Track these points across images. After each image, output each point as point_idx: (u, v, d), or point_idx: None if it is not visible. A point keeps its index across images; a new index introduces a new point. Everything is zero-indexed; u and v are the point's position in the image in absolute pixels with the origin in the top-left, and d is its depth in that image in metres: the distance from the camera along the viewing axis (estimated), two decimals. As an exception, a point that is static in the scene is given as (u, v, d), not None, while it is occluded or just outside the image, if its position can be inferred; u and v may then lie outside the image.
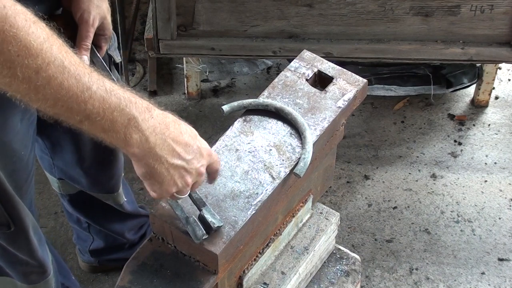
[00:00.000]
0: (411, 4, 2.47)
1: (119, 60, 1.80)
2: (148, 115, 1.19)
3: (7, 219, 1.66)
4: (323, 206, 1.81)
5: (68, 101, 1.11)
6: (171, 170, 1.24)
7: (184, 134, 1.25)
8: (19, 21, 1.05)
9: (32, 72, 1.07)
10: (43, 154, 2.01)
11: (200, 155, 1.28)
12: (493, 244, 2.57)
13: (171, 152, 1.22)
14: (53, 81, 1.09)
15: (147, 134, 1.19)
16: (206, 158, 1.29)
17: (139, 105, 1.18)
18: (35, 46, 1.06)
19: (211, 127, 2.91)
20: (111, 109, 1.15)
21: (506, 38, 2.54)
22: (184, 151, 1.24)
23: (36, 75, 1.07)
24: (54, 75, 1.09)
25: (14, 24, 1.04)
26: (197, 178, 1.29)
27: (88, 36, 1.52)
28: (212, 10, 2.51)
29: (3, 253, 1.77)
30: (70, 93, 1.11)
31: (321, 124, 1.53)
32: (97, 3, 1.53)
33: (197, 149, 1.27)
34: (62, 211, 2.59)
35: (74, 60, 1.12)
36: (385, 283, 2.47)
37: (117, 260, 2.35)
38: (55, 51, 1.09)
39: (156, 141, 1.20)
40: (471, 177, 2.77)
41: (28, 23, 1.06)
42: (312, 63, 1.64)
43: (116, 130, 1.17)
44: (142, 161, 1.22)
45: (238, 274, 1.54)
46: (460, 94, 3.04)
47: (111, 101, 1.14)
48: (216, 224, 1.33)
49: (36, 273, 1.85)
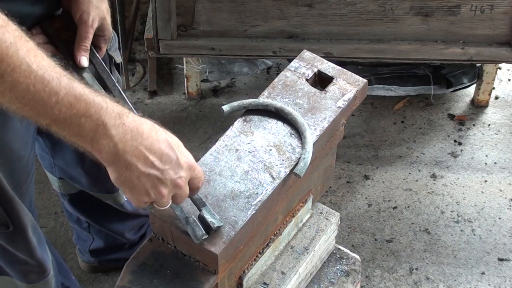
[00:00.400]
0: (411, 4, 2.47)
1: (119, 60, 1.80)
2: (119, 121, 1.16)
3: (6, 218, 1.66)
4: (323, 206, 1.81)
5: (35, 105, 1.10)
6: (142, 178, 1.20)
7: (161, 142, 1.21)
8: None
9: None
10: (44, 153, 2.01)
11: (178, 166, 1.22)
12: (493, 244, 2.57)
13: (143, 160, 1.19)
14: (18, 86, 1.08)
15: (116, 140, 1.16)
16: (186, 170, 1.24)
17: (110, 110, 1.16)
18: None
19: (211, 127, 2.91)
20: (78, 115, 1.13)
21: (506, 38, 2.54)
22: (158, 160, 1.20)
23: (0, 79, 1.06)
24: (19, 80, 1.07)
25: None
26: (174, 190, 1.24)
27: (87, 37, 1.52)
28: (212, 10, 2.51)
29: (2, 253, 1.77)
30: (36, 98, 1.10)
31: (321, 124, 1.53)
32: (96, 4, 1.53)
33: (175, 159, 1.22)
34: (62, 211, 2.59)
35: (43, 63, 1.10)
36: (385, 283, 2.47)
37: (117, 260, 2.35)
38: (22, 55, 1.07)
39: (126, 147, 1.17)
40: (471, 177, 2.77)
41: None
42: (312, 63, 1.64)
43: (84, 135, 1.15)
44: (112, 167, 1.20)
45: (238, 274, 1.54)
46: (460, 94, 3.04)
47: (79, 106, 1.13)
48: (216, 224, 1.33)
49: (35, 273, 1.85)
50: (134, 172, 1.19)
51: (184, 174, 1.24)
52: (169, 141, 1.22)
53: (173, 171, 1.22)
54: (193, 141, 2.85)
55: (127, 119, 1.18)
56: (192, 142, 2.85)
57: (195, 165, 1.27)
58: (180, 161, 1.23)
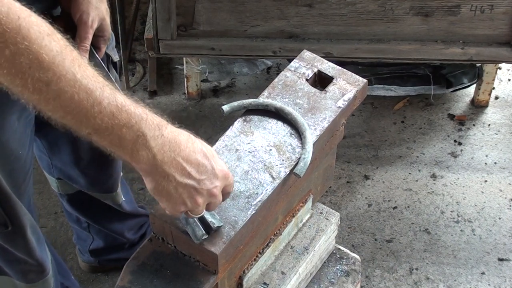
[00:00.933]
0: (411, 4, 2.47)
1: (117, 59, 1.81)
2: (158, 132, 1.18)
3: (5, 218, 1.66)
4: (323, 206, 1.81)
5: (78, 114, 1.11)
6: (180, 189, 1.22)
7: (197, 153, 1.23)
8: (33, 33, 1.04)
9: (42, 84, 1.07)
10: (42, 154, 2.01)
11: (214, 176, 1.25)
12: (493, 244, 2.57)
13: (180, 171, 1.21)
14: (63, 95, 1.09)
15: (155, 151, 1.18)
16: (221, 179, 1.27)
17: (150, 122, 1.17)
18: (47, 59, 1.06)
19: (211, 127, 2.91)
20: (120, 125, 1.14)
21: (506, 38, 2.54)
22: (195, 170, 1.22)
23: (46, 87, 1.07)
24: (64, 89, 1.08)
25: (27, 36, 1.04)
26: (210, 199, 1.27)
27: (87, 37, 1.52)
28: (212, 10, 2.51)
29: (1, 252, 1.77)
30: (80, 107, 1.11)
31: (321, 124, 1.53)
32: (96, 4, 1.53)
33: (211, 169, 1.24)
34: (62, 211, 2.59)
35: (87, 73, 1.11)
36: (385, 283, 2.47)
37: (117, 260, 2.35)
38: (68, 65, 1.08)
39: (164, 158, 1.19)
40: (471, 177, 2.77)
41: (41, 36, 1.06)
42: (312, 63, 1.64)
43: (124, 145, 1.16)
44: (150, 177, 1.21)
45: (238, 274, 1.54)
46: (460, 94, 3.04)
47: (121, 117, 1.14)
48: (216, 224, 1.33)
49: (34, 272, 1.85)
50: (172, 182, 1.21)
51: (219, 184, 1.26)
52: (205, 151, 1.24)
53: (209, 181, 1.24)
54: (193, 141, 2.85)
55: (166, 130, 1.19)
56: (192, 142, 2.84)
57: (228, 173, 1.29)
58: (215, 171, 1.25)
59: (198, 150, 1.23)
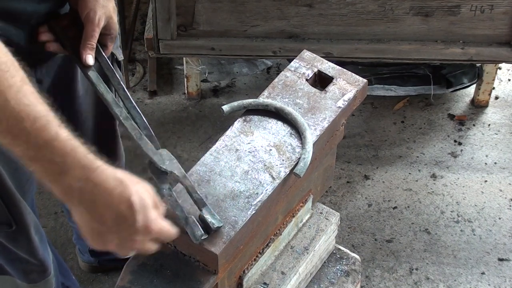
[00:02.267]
0: (411, 4, 2.47)
1: (121, 58, 1.81)
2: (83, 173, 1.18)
3: (9, 217, 1.66)
4: (323, 206, 1.81)
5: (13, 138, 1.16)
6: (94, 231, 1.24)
7: (122, 203, 1.19)
8: None
9: None
10: None
11: (132, 228, 1.21)
12: (493, 244, 2.57)
13: (97, 216, 1.20)
14: None
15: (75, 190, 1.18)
16: (142, 234, 1.23)
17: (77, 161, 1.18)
18: None
19: (211, 127, 2.91)
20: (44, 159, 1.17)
21: (506, 38, 2.54)
22: (111, 219, 1.20)
23: None
24: None
25: None
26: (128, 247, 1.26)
27: (93, 35, 1.52)
28: (212, 10, 2.51)
29: (4, 252, 1.77)
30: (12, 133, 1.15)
31: (321, 124, 1.53)
32: (103, 2, 1.53)
33: (131, 222, 1.20)
34: (62, 211, 2.59)
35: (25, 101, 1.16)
36: (385, 283, 2.47)
37: (117, 260, 2.35)
38: None
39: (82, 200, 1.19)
40: (471, 177, 2.77)
41: None
42: (312, 63, 1.64)
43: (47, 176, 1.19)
44: (70, 207, 1.23)
45: (238, 274, 1.54)
46: (460, 94, 3.04)
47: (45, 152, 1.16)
48: (216, 224, 1.33)
49: (36, 272, 1.85)
50: (87, 222, 1.22)
51: (139, 238, 1.23)
52: (132, 202, 1.20)
53: (127, 232, 1.22)
54: (193, 141, 2.85)
55: (93, 173, 1.18)
56: (192, 142, 2.85)
57: (154, 228, 1.24)
58: (137, 225, 1.21)
59: (124, 200, 1.19)
